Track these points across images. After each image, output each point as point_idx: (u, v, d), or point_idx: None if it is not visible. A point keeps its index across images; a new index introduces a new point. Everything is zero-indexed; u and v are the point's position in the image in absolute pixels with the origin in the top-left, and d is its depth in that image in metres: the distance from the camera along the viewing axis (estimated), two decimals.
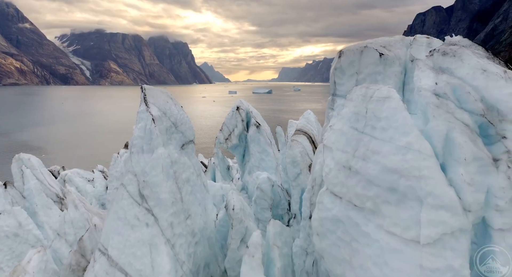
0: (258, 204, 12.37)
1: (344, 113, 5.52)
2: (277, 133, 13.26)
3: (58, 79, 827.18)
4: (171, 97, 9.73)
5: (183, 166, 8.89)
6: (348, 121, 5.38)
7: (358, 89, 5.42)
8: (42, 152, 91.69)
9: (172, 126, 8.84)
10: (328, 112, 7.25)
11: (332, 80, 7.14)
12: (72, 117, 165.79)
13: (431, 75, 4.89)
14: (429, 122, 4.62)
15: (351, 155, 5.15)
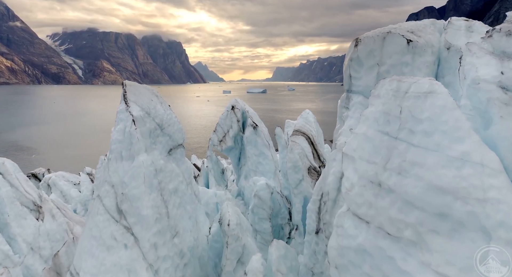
0: (256, 214, 11.17)
1: (368, 113, 4.34)
2: (277, 135, 12.07)
3: (50, 78, 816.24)
4: (156, 94, 8.48)
5: (170, 174, 7.65)
6: (375, 124, 4.21)
7: (387, 83, 4.25)
8: (33, 152, 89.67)
9: (157, 129, 7.60)
10: (342, 112, 6.08)
11: (346, 73, 5.97)
12: (63, 117, 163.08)
13: (493, 63, 3.74)
14: (493, 124, 3.49)
15: (381, 166, 3.98)
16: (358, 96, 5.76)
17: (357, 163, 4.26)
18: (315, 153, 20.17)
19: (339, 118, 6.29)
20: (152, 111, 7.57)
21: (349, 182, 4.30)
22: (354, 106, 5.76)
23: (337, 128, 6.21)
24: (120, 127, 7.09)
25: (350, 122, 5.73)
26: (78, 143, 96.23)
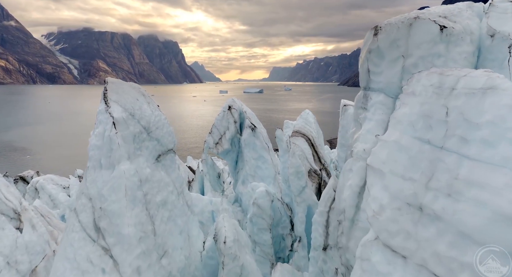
0: (255, 224, 10.23)
1: (401, 116, 3.43)
2: (277, 137, 11.14)
3: (45, 78, 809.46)
4: (143, 93, 7.52)
5: (158, 184, 6.69)
6: (411, 129, 3.29)
7: (424, 77, 3.34)
8: (27, 153, 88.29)
9: (143, 132, 6.63)
10: (358, 113, 5.16)
11: (364, 68, 5.05)
12: (58, 117, 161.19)
13: None
14: None
15: (421, 185, 3.06)
16: (379, 95, 4.84)
17: (388, 179, 3.34)
18: (315, 155, 19.26)
19: (354, 120, 5.37)
20: (137, 113, 6.60)
21: (377, 202, 3.38)
22: (374, 107, 4.84)
23: (352, 132, 5.29)
24: (99, 131, 6.12)
25: (369, 126, 4.82)
26: (73, 143, 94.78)
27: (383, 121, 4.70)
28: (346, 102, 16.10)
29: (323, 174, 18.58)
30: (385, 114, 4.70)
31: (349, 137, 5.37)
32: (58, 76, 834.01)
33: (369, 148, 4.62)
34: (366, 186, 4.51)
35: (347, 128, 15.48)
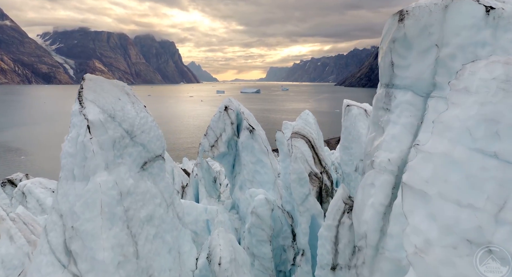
0: (254, 235, 9.36)
1: (451, 120, 2.58)
2: (278, 140, 10.27)
3: (41, 78, 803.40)
4: (128, 92, 6.62)
5: (143, 196, 5.80)
6: (468, 138, 2.44)
7: (483, 68, 2.50)
8: (22, 153, 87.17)
9: (125, 137, 5.74)
10: (380, 116, 4.31)
11: (386, 61, 4.20)
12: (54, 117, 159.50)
13: None
14: None
15: (488, 215, 2.23)
16: (405, 93, 4.00)
17: (436, 205, 2.49)
18: (316, 157, 18.37)
19: (373, 123, 4.52)
20: (118, 114, 5.71)
21: (421, 236, 2.53)
22: (400, 108, 4.00)
23: (371, 138, 4.44)
24: (72, 136, 5.23)
25: (393, 131, 3.97)
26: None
27: (412, 125, 3.87)
28: (350, 102, 15.23)
29: (324, 177, 17.72)
30: (413, 116, 3.87)
31: (367, 143, 4.51)
32: (53, 76, 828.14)
33: (396, 158, 3.79)
34: (392, 205, 3.66)
35: (350, 129, 14.63)
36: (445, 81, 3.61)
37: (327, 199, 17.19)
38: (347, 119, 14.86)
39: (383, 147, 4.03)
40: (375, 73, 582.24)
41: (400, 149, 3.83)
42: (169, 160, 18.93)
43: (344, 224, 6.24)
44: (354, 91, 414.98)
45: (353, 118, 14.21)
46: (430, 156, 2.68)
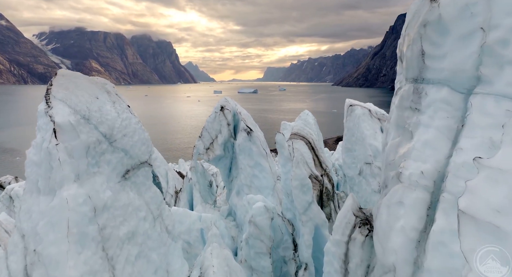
0: (252, 247, 8.57)
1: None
2: (278, 143, 9.49)
3: (36, 78, 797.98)
4: (109, 90, 5.81)
5: (123, 211, 5.00)
6: None
7: None
8: (17, 154, 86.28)
9: (103, 141, 4.93)
10: (406, 117, 3.53)
11: (414, 50, 3.43)
12: None
13: None
14: None
15: None
16: (440, 89, 3.23)
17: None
18: (316, 159, 17.60)
19: (396, 126, 3.74)
20: (94, 115, 4.90)
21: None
22: (433, 107, 3.23)
23: (395, 144, 3.66)
24: (37, 141, 4.42)
25: (426, 136, 3.21)
26: None
27: (449, 128, 3.11)
28: (353, 102, 14.46)
29: (325, 180, 16.96)
30: (451, 118, 3.11)
31: (388, 150, 3.74)
32: (49, 76, 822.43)
33: (430, 170, 3.03)
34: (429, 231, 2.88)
35: (353, 131, 13.87)
36: (493, 73, 2.86)
37: (328, 203, 16.44)
38: (350, 120, 14.09)
39: (413, 155, 3.27)
40: (372, 73, 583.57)
41: (435, 159, 3.07)
42: (163, 162, 18.11)
43: (356, 241, 5.46)
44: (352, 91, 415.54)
45: (356, 118, 13.46)
46: (502, 175, 1.92)
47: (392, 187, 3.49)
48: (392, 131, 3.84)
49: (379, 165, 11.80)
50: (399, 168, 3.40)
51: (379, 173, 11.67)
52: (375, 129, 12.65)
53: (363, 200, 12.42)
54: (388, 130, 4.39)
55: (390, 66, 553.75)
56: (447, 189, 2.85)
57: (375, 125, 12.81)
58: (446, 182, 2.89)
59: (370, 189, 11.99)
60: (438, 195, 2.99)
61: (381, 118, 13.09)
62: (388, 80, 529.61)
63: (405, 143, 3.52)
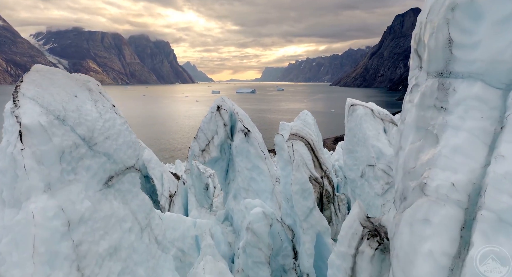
0: (249, 255, 8.03)
1: None
2: (277, 145, 8.95)
3: None
4: (90, 88, 5.26)
5: (105, 223, 4.46)
6: None
7: None
8: None
9: (81, 145, 4.38)
10: (430, 118, 3.01)
11: (439, 39, 2.91)
12: None
13: None
14: None
15: None
16: (472, 84, 2.71)
17: None
18: (316, 160, 17.06)
19: (416, 128, 3.22)
20: (71, 116, 4.35)
21: None
22: (463, 106, 2.71)
23: (415, 149, 3.13)
24: (1, 146, 3.87)
25: (456, 140, 2.69)
26: None
27: (485, 131, 2.59)
28: (354, 102, 13.93)
29: (325, 182, 16.43)
30: (487, 118, 2.59)
31: (407, 156, 3.20)
32: None
33: (463, 181, 2.52)
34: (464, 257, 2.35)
35: (355, 131, 13.34)
36: None
37: (328, 205, 15.91)
38: (352, 120, 13.55)
39: (440, 163, 2.74)
40: (369, 73, 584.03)
41: (469, 168, 2.56)
42: (158, 164, 17.54)
43: (364, 254, 4.94)
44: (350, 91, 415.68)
45: (358, 119, 12.93)
46: None
47: (414, 200, 2.97)
48: (410, 134, 3.31)
49: (382, 167, 11.27)
50: (423, 178, 2.87)
51: (383, 176, 11.14)
52: (378, 130, 12.12)
53: (365, 204, 11.89)
54: (403, 132, 3.86)
55: (388, 66, 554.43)
56: (486, 205, 2.35)
57: (378, 126, 12.29)
58: (485, 196, 2.38)
59: (373, 192, 11.47)
60: (474, 212, 2.47)
61: (384, 119, 12.57)
62: (386, 80, 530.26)
63: (429, 147, 2.99)
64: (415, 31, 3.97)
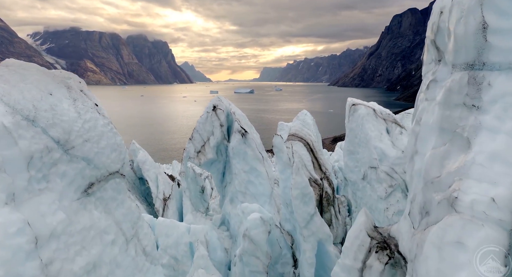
0: (246, 264, 7.54)
1: None
2: (275, 147, 8.46)
3: None
4: (70, 85, 4.75)
5: (82, 236, 3.96)
6: None
7: None
8: None
9: (55, 149, 3.88)
10: (458, 118, 2.52)
11: (470, 24, 2.42)
12: None
13: None
14: None
15: None
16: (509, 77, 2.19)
17: None
18: (315, 161, 16.54)
19: (440, 130, 2.74)
20: (43, 116, 3.85)
21: None
22: (501, 103, 2.25)
23: (440, 155, 2.64)
24: None
25: (493, 145, 2.22)
26: None
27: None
28: (355, 101, 13.44)
29: (325, 184, 15.93)
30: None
31: (428, 162, 2.72)
32: None
33: (506, 196, 2.04)
34: None
35: (356, 132, 12.85)
36: None
37: (328, 208, 15.42)
38: (353, 120, 13.07)
39: (474, 173, 2.27)
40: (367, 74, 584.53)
41: (511, 180, 2.08)
42: (153, 165, 17.02)
43: (372, 269, 4.46)
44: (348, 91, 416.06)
45: (360, 119, 12.45)
46: None
47: (440, 216, 2.48)
48: (431, 137, 2.83)
49: (385, 170, 10.80)
50: (452, 191, 2.39)
51: (386, 179, 10.68)
52: (381, 131, 11.65)
53: (368, 207, 11.43)
54: (419, 134, 3.39)
55: (386, 66, 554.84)
56: None
57: (380, 126, 11.82)
58: None
59: (376, 196, 11.00)
60: None
61: (387, 119, 12.10)
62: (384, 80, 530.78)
63: (457, 153, 2.51)
64: (432, 19, 3.49)
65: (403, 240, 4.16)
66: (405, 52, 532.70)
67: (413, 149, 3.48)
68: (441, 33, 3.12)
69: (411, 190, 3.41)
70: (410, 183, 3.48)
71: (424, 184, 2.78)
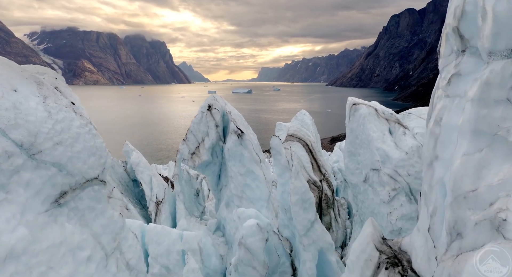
0: (242, 275, 7.02)
1: None
2: (273, 149, 7.94)
3: None
4: (40, 81, 4.23)
5: (50, 254, 3.43)
6: None
7: None
8: None
9: (17, 153, 3.36)
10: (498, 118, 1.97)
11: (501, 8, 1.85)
12: None
13: None
14: None
15: None
16: None
17: None
18: (314, 163, 16.02)
19: (474, 133, 2.22)
20: (2, 115, 3.32)
21: None
22: None
23: (472, 163, 2.13)
24: None
25: None
26: None
27: None
28: (356, 101, 12.94)
29: (324, 186, 15.40)
30: None
31: (456, 171, 2.21)
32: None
33: None
34: None
35: (357, 132, 12.34)
36: None
37: (328, 211, 14.91)
38: (354, 120, 12.57)
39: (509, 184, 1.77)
40: (365, 74, 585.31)
41: None
42: (147, 167, 16.47)
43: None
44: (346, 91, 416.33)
45: (361, 119, 11.95)
46: None
47: (479, 240, 1.99)
48: (463, 140, 2.31)
49: (388, 172, 10.31)
50: (497, 210, 1.89)
51: (389, 181, 10.19)
52: (383, 131, 11.15)
53: (369, 211, 10.94)
54: (439, 136, 2.88)
55: (384, 66, 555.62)
56: None
57: (383, 127, 11.32)
58: None
59: (378, 199, 10.50)
60: None
61: (389, 119, 11.61)
62: (382, 80, 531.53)
63: (500, 162, 2.01)
64: (453, 4, 2.99)
65: (417, 256, 3.66)
66: (402, 52, 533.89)
67: (432, 153, 2.97)
68: (467, 17, 2.63)
69: (430, 202, 2.91)
70: (428, 194, 2.99)
71: (453, 199, 2.28)
